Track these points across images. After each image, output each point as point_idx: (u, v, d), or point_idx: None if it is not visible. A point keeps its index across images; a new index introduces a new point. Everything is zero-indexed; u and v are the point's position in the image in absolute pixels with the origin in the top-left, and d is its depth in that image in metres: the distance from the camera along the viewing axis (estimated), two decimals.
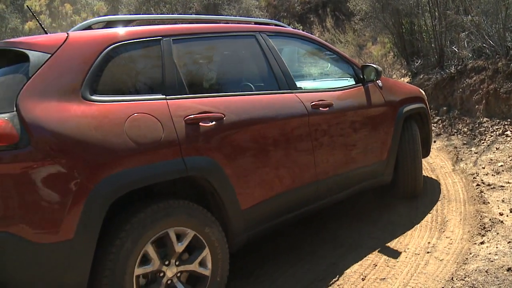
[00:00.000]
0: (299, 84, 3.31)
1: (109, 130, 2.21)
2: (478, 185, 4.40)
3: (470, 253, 3.16)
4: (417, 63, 8.37)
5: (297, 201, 3.13)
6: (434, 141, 6.28)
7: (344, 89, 3.65)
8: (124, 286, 2.20)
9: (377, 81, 3.85)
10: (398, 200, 4.37)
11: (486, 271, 2.84)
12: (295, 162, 3.04)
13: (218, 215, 2.65)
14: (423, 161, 4.88)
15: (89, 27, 2.59)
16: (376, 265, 3.22)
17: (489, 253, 3.08)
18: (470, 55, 6.88)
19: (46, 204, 2.02)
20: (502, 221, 3.56)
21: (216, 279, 2.55)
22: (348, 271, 3.18)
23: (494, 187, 4.28)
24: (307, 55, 3.99)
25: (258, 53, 3.17)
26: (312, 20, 17.44)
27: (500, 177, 4.51)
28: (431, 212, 4.04)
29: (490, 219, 3.62)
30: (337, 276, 3.13)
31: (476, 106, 6.26)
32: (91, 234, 2.11)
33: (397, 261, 3.25)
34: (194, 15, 6.97)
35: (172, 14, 11.59)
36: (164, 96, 2.50)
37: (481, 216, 3.71)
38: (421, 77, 8.03)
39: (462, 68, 6.81)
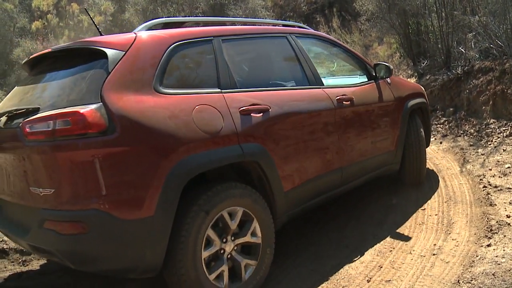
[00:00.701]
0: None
1: (180, 119, 2.48)
2: (484, 187, 4.36)
3: (477, 256, 3.13)
4: (423, 63, 8.31)
5: (326, 186, 3.46)
6: (441, 142, 6.25)
7: (360, 85, 3.96)
8: (197, 267, 2.50)
9: (387, 78, 4.20)
10: (403, 201, 4.35)
11: (493, 274, 2.81)
12: (325, 150, 3.37)
13: (263, 196, 2.92)
14: (429, 162, 5.00)
15: (150, 28, 2.85)
16: (381, 267, 3.20)
17: (496, 256, 3.05)
18: (477, 56, 6.83)
19: (130, 184, 2.26)
20: (509, 224, 3.52)
21: (266, 244, 2.88)
22: (353, 272, 3.16)
23: (501, 189, 4.24)
24: (326, 54, 4.32)
25: (290, 52, 3.50)
26: (318, 20, 17.37)
27: (507, 179, 4.47)
28: (437, 214, 4.01)
29: (497, 222, 3.58)
30: (342, 277, 3.11)
31: (483, 107, 6.20)
32: (168, 212, 2.37)
33: (403, 263, 3.22)
34: (238, 18, 7.34)
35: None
36: (219, 90, 2.80)
37: (487, 218, 3.68)
38: (427, 77, 7.97)
39: (469, 68, 6.75)
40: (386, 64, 4.13)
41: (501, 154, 5.14)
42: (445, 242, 3.45)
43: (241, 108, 2.79)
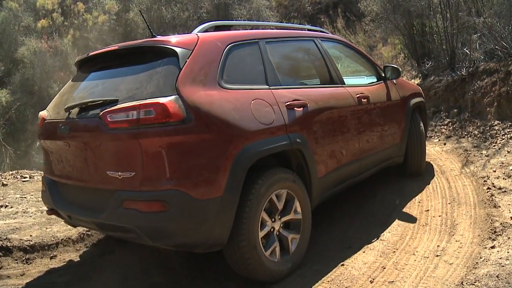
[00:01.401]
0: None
1: (241, 111, 2.81)
2: (488, 188, 4.34)
3: (481, 258, 3.12)
4: (427, 64, 8.29)
5: (348, 174, 3.84)
6: (444, 144, 6.23)
7: (373, 85, 4.38)
8: (256, 247, 2.81)
9: (393, 79, 4.62)
10: (407, 201, 4.34)
11: (497, 276, 2.79)
12: (349, 142, 3.77)
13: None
14: (433, 163, 5.00)
15: (206, 30, 3.19)
16: (384, 268, 3.18)
17: (500, 258, 3.03)
18: (482, 57, 6.81)
19: (204, 167, 2.57)
20: None
21: (306, 220, 3.24)
22: (356, 273, 3.15)
23: (505, 191, 4.23)
24: (343, 56, 4.71)
25: (317, 54, 3.88)
26: (323, 21, 17.35)
27: None
28: (440, 215, 4.00)
29: (501, 223, 3.56)
30: (345, 278, 3.10)
31: (488, 109, 6.19)
32: (234, 193, 2.67)
33: (406, 264, 3.21)
34: (275, 23, 7.84)
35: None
36: (268, 86, 3.14)
37: (491, 220, 3.66)
38: (431, 78, 7.96)
39: (473, 70, 6.74)
40: (395, 66, 4.53)
41: (505, 155, 5.12)
42: (449, 244, 3.44)
43: (287, 103, 3.15)
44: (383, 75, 4.54)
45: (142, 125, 2.48)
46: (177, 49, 2.76)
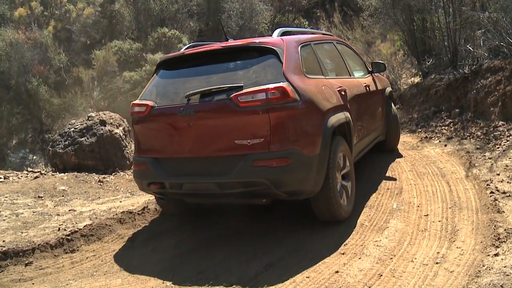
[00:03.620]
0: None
1: (320, 93, 3.99)
2: (492, 192, 4.32)
3: (483, 266, 3.08)
4: (428, 62, 8.29)
5: (364, 145, 5.18)
6: (445, 145, 6.23)
7: (367, 77, 5.75)
8: (336, 195, 3.95)
9: (377, 73, 6.12)
10: (405, 206, 4.31)
11: (501, 286, 2.75)
12: (365, 120, 5.15)
13: None
14: (433, 165, 5.10)
15: (282, 34, 4.25)
16: (381, 275, 3.14)
17: (504, 266, 3.00)
18: (486, 55, 6.82)
19: (309, 132, 3.75)
20: None
21: (352, 171, 4.41)
22: (351, 280, 3.11)
23: (509, 195, 4.21)
24: (344, 54, 5.65)
25: (337, 53, 5.22)
26: (319, 15, 17.36)
27: None
28: (440, 220, 3.97)
29: (505, 229, 3.54)
30: (340, 285, 3.05)
31: (491, 109, 6.18)
32: (326, 152, 3.83)
33: (404, 272, 3.17)
34: (316, 30, 9.58)
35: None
36: (323, 76, 4.38)
37: (495, 226, 3.64)
38: (432, 77, 7.96)
39: (477, 68, 6.74)
40: (382, 62, 6.15)
41: (509, 158, 5.11)
42: (449, 250, 3.41)
43: (337, 88, 4.36)
44: (370, 69, 5.95)
45: (270, 103, 3.55)
46: (276, 48, 3.87)
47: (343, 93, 4.38)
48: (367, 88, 5.33)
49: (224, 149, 3.70)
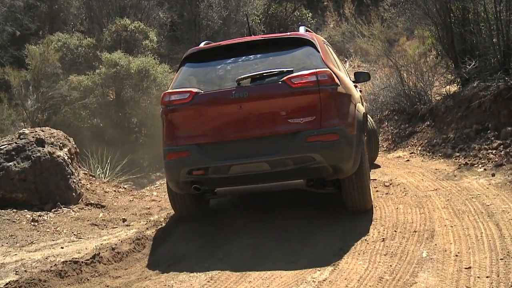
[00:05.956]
0: None
1: (349, 82, 6.08)
2: None
3: None
4: (469, 65, 8.28)
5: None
6: (493, 175, 6.19)
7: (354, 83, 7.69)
8: (368, 177, 5.67)
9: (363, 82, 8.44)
10: (438, 255, 4.22)
11: None
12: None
13: None
14: (476, 200, 5.49)
15: (306, 31, 5.97)
16: None
17: None
18: None
19: (349, 113, 5.30)
20: None
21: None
22: None
23: None
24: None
25: (335, 55, 7.07)
26: (326, 5, 17.50)
27: None
28: (489, 276, 3.87)
29: None
30: None
31: None
32: (361, 133, 5.46)
33: None
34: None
35: None
36: (339, 70, 5.88)
37: None
38: (475, 85, 7.94)
39: None
40: (366, 71, 7.88)
41: None
42: None
43: (352, 82, 6.52)
44: (353, 80, 7.42)
45: (320, 84, 4.99)
46: (312, 40, 5.48)
47: (360, 92, 5.65)
48: (359, 91, 7.66)
49: (277, 128, 5.08)
